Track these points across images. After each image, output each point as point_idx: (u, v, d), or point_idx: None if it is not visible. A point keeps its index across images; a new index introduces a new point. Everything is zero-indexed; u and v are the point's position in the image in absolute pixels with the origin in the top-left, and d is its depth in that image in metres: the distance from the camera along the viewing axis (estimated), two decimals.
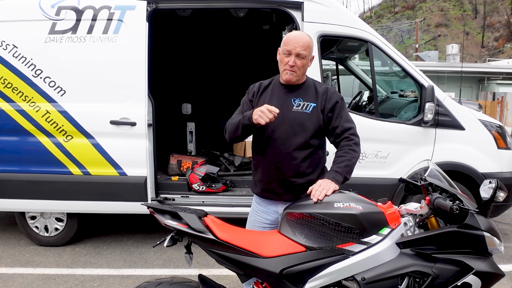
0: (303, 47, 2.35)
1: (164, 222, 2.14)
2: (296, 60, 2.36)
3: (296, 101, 2.42)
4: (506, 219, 5.86)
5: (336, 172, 2.29)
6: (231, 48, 7.48)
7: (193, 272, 4.06)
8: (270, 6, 4.56)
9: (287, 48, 2.37)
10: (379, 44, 4.44)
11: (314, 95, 2.45)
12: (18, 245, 4.80)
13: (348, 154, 2.35)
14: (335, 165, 2.34)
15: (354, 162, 2.36)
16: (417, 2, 63.12)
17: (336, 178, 2.26)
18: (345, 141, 2.40)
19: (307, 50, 2.37)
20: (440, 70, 22.53)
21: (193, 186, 4.88)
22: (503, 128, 4.71)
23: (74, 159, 4.31)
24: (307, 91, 2.47)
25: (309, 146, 2.40)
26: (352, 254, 2.06)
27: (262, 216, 2.57)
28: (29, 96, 4.29)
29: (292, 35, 2.40)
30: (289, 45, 2.36)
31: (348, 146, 2.38)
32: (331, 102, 2.43)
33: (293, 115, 2.39)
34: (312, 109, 2.41)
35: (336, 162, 2.35)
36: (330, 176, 2.27)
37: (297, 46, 2.34)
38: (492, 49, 49.45)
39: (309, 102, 2.42)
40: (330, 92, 2.47)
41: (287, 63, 2.37)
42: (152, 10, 4.37)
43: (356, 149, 2.39)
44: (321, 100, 2.43)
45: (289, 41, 2.38)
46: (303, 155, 2.39)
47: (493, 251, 2.12)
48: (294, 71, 2.38)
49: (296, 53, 2.35)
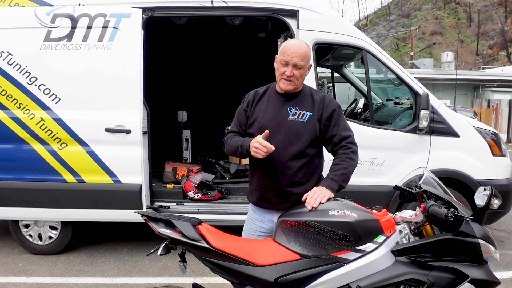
0: (301, 57, 2.31)
1: (158, 230, 2.12)
2: (294, 71, 2.32)
3: (292, 110, 2.40)
4: (502, 226, 5.86)
5: (331, 180, 2.28)
6: (227, 56, 7.50)
7: (188, 280, 4.03)
8: (265, 14, 4.58)
9: (284, 58, 2.33)
10: (374, 51, 4.46)
11: (310, 104, 2.43)
12: (12, 254, 4.75)
13: (345, 163, 2.34)
14: (331, 173, 2.33)
15: (351, 170, 2.35)
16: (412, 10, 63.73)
17: (331, 186, 2.25)
18: (343, 150, 2.39)
19: (304, 60, 2.33)
20: (435, 77, 22.73)
21: (188, 194, 4.86)
22: (498, 135, 4.72)
23: (68, 166, 4.29)
24: (304, 99, 2.44)
25: (304, 155, 2.39)
26: (347, 262, 2.06)
27: (258, 225, 2.55)
28: (24, 103, 4.27)
29: (290, 45, 2.36)
30: (286, 55, 2.32)
31: (346, 155, 2.37)
32: (328, 111, 2.41)
33: (289, 124, 2.37)
34: (308, 118, 2.39)
35: (333, 170, 2.35)
36: (325, 184, 2.26)
37: (294, 57, 2.30)
38: (487, 56, 49.89)
39: (305, 111, 2.40)
40: (327, 100, 2.44)
41: (284, 73, 2.34)
42: (147, 18, 4.37)
43: (354, 157, 2.38)
44: (318, 108, 2.41)
45: (286, 50, 2.34)
46: (299, 164, 2.37)
47: (488, 259, 2.11)
48: (292, 81, 2.35)
49: (294, 63, 2.31)
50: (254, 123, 2.45)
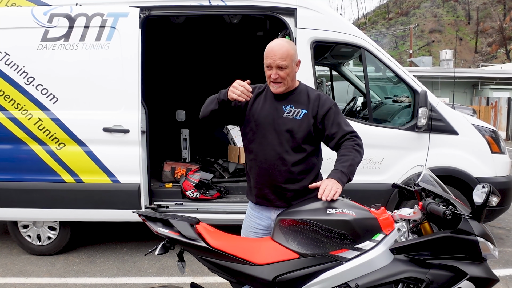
0: (282, 58, 2.29)
1: (156, 230, 2.12)
2: (279, 72, 2.32)
3: (287, 108, 2.41)
4: (501, 224, 5.86)
5: (341, 173, 2.23)
6: (225, 55, 7.48)
7: (187, 280, 4.03)
8: (263, 13, 4.57)
9: (267, 62, 2.33)
10: (372, 49, 4.45)
11: (306, 102, 2.43)
12: (11, 255, 4.75)
13: (352, 153, 2.30)
14: (339, 164, 2.28)
15: (358, 162, 2.31)
16: (411, 8, 63.74)
17: (341, 179, 2.21)
18: (348, 141, 2.36)
19: (287, 59, 2.30)
20: (434, 75, 22.74)
21: (187, 193, 4.85)
22: (497, 133, 4.72)
23: (66, 167, 4.28)
24: (299, 97, 2.45)
25: (299, 152, 2.38)
26: (345, 260, 2.05)
27: (256, 222, 2.55)
28: (21, 103, 4.25)
29: (270, 47, 2.34)
30: (268, 59, 2.32)
31: (352, 146, 2.33)
32: (324, 109, 2.40)
33: (283, 122, 2.38)
34: (303, 115, 2.39)
35: (340, 160, 2.30)
36: (335, 177, 2.21)
37: (275, 59, 2.29)
38: (486, 54, 49.91)
39: (300, 108, 2.40)
40: (322, 98, 2.44)
41: (270, 76, 2.35)
42: (145, 17, 4.36)
43: (360, 150, 2.35)
44: (313, 106, 2.40)
45: (267, 54, 2.33)
46: (293, 160, 2.37)
47: (487, 256, 2.11)
48: (279, 82, 2.35)
49: (276, 65, 2.30)
50: (250, 119, 2.45)
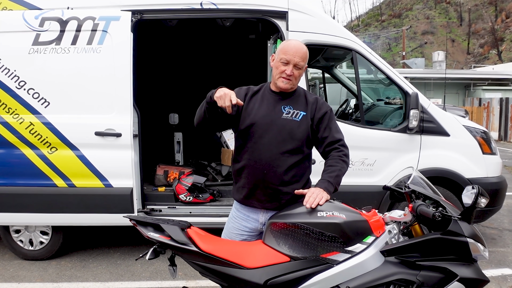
0: (301, 58, 2.37)
1: (147, 235, 2.11)
2: (294, 70, 2.36)
3: (286, 109, 2.42)
4: (493, 224, 5.90)
5: (328, 182, 2.27)
6: (218, 58, 7.48)
7: (180, 284, 4.01)
8: (255, 16, 4.57)
9: (285, 57, 2.36)
10: (363, 52, 4.48)
11: (304, 104, 2.46)
12: (2, 260, 4.70)
13: (339, 164, 2.35)
14: (326, 174, 2.32)
15: (343, 172, 2.36)
16: (404, 10, 64.08)
17: (328, 188, 2.25)
18: (336, 152, 2.40)
19: (304, 61, 2.40)
20: (427, 77, 22.89)
21: (180, 197, 4.84)
22: (488, 134, 4.76)
23: (58, 171, 4.25)
24: (298, 99, 2.48)
25: (296, 154, 2.39)
26: (336, 263, 2.06)
27: (241, 223, 2.52)
28: (13, 108, 4.22)
29: (292, 44, 2.40)
30: (288, 55, 2.35)
31: (339, 157, 2.38)
32: (320, 112, 2.44)
33: (283, 122, 2.38)
34: (301, 117, 2.41)
35: (327, 171, 2.34)
36: (322, 186, 2.25)
37: (296, 56, 2.35)
38: (478, 55, 50.27)
39: (299, 110, 2.43)
40: (320, 102, 2.49)
41: (284, 71, 2.36)
42: (136, 21, 4.36)
43: (346, 160, 2.40)
44: (311, 109, 2.44)
45: (288, 50, 2.37)
46: (289, 163, 2.37)
47: (477, 257, 2.13)
48: (290, 80, 2.39)
49: (295, 63, 2.35)
50: (246, 119, 2.43)
